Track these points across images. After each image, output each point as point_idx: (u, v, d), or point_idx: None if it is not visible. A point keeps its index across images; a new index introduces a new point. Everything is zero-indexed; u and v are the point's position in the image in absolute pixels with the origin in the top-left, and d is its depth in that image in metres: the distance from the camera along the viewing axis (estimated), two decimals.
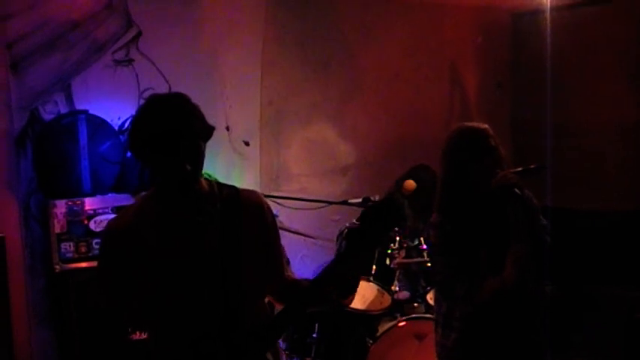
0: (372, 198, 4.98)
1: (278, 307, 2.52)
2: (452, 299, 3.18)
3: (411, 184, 4.90)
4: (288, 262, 2.65)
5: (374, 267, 4.73)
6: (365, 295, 4.67)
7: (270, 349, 2.44)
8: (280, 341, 4.76)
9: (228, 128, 5.43)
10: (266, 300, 2.59)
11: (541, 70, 6.02)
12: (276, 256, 2.55)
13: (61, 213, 4.49)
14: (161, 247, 2.32)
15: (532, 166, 3.15)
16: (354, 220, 4.86)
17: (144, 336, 4.06)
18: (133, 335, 4.30)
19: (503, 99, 6.93)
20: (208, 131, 2.34)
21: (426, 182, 5.01)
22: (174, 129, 2.22)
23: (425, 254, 4.71)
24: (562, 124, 6.12)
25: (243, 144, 5.55)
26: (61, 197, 4.53)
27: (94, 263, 4.29)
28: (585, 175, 6.15)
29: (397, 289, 4.67)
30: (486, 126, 3.16)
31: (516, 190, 2.96)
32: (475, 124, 3.20)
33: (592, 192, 6.09)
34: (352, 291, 2.31)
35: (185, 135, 2.23)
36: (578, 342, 5.32)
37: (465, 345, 3.13)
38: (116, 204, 4.58)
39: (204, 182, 2.41)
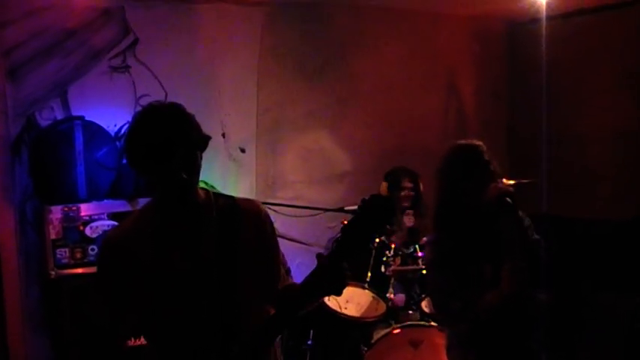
0: None
1: None
2: (447, 316, 3.18)
3: (383, 185, 4.97)
4: (288, 271, 2.62)
5: (369, 274, 4.74)
6: (360, 302, 4.68)
7: (265, 355, 2.40)
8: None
9: (224, 135, 5.44)
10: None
11: (537, 79, 6.05)
12: (275, 266, 2.53)
13: (56, 219, 4.48)
14: (157, 258, 2.31)
15: (525, 181, 3.16)
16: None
17: (139, 342, 4.06)
18: (128, 341, 4.29)
19: (500, 108, 6.96)
20: (204, 141, 2.32)
21: (396, 178, 5.05)
22: (170, 138, 2.21)
23: (420, 262, 4.72)
24: (558, 133, 6.14)
25: (239, 151, 5.55)
26: (57, 203, 4.52)
27: (90, 269, 4.36)
28: (582, 183, 6.17)
29: (393, 296, 4.68)
30: (480, 143, 3.14)
31: (507, 199, 2.95)
32: (468, 141, 3.17)
33: (589, 200, 6.11)
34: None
35: (181, 144, 2.22)
36: (577, 350, 5.32)
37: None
38: (112, 210, 4.58)
39: (200, 192, 2.40)
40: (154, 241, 2.33)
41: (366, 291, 4.72)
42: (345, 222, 4.74)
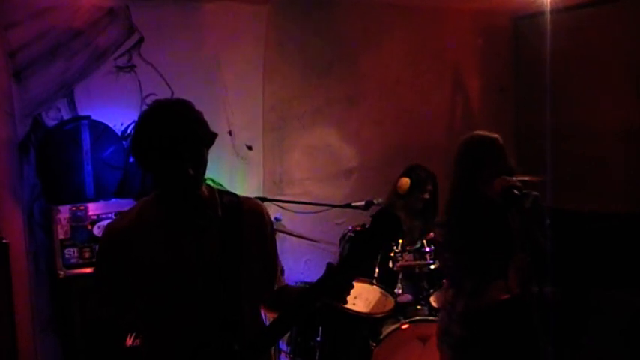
0: (374, 201, 4.99)
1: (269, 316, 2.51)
2: (461, 293, 3.24)
3: (404, 182, 4.91)
4: (282, 271, 2.63)
5: (377, 270, 4.74)
6: (368, 298, 4.67)
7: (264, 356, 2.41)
8: (284, 344, 4.78)
9: (230, 133, 5.45)
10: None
11: (543, 73, 6.03)
12: (273, 266, 2.55)
13: (64, 219, 4.50)
14: (159, 252, 2.31)
15: (526, 179, 3.20)
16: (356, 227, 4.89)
17: (137, 342, 4.06)
18: (127, 341, 4.31)
19: (506, 103, 6.94)
20: (211, 138, 2.32)
21: (421, 180, 4.98)
22: (177, 134, 2.21)
23: (427, 257, 4.71)
24: (564, 127, 6.12)
25: (246, 149, 5.56)
26: (65, 203, 4.54)
27: None
28: (588, 177, 6.15)
29: (400, 291, 4.68)
30: (496, 136, 3.24)
31: (515, 191, 2.96)
32: (486, 134, 3.27)
33: (595, 195, 6.09)
34: (346, 296, 2.29)
35: (188, 140, 2.22)
36: (582, 345, 5.31)
37: (468, 341, 3.18)
38: (119, 209, 4.57)
39: (205, 189, 2.40)
40: (156, 235, 2.32)
41: (375, 287, 4.72)
42: (352, 230, 4.82)
